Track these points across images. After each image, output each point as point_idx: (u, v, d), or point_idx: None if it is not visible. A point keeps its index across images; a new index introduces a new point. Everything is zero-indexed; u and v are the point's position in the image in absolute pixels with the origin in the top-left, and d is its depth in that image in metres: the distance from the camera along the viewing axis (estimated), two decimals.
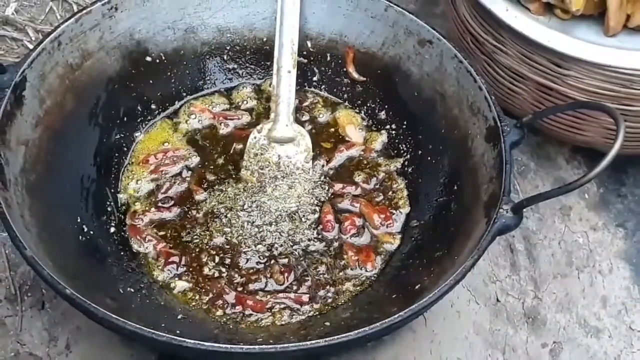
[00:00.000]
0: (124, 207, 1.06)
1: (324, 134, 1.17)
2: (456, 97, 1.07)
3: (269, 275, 1.01)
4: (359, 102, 1.18)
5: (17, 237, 0.84)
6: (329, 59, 1.18)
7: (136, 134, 1.12)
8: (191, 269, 1.01)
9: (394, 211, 1.09)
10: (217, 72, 1.19)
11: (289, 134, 1.13)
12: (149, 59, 1.13)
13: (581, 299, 1.09)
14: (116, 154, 1.09)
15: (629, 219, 1.17)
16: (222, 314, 0.97)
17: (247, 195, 1.08)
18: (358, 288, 1.02)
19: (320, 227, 1.06)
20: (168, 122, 1.15)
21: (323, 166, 1.12)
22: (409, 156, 1.13)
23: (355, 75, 1.18)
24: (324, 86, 1.19)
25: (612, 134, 1.07)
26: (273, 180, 1.09)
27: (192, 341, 0.79)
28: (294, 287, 1.00)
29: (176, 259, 1.01)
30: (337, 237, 1.05)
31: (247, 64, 1.20)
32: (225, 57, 1.18)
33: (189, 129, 1.15)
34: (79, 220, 1.00)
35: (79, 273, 0.90)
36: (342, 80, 1.19)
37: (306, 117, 1.18)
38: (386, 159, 1.14)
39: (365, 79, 1.18)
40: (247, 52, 1.19)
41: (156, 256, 1.02)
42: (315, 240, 1.04)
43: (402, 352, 1.01)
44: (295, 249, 1.03)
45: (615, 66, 1.05)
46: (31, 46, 1.26)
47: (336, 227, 1.06)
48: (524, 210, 0.90)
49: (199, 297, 0.99)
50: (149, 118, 1.14)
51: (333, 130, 1.17)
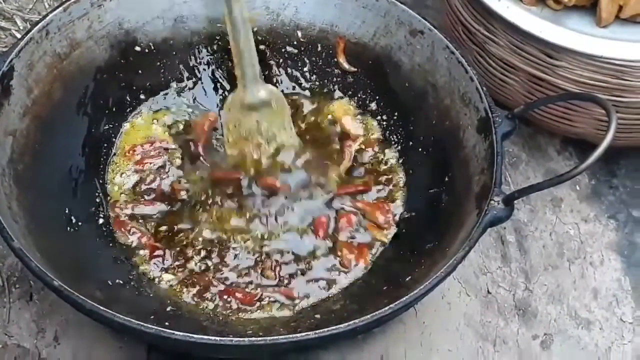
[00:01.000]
0: (110, 199, 1.05)
1: (324, 135, 1.16)
2: (447, 88, 1.06)
3: (259, 271, 1.00)
4: (350, 92, 1.18)
5: (5, 229, 0.83)
6: (319, 49, 1.18)
7: (124, 124, 1.12)
8: (177, 263, 1.00)
9: (391, 204, 1.09)
10: (207, 63, 1.18)
11: (262, 96, 1.10)
12: (138, 48, 1.12)
13: (572, 291, 1.09)
14: (105, 145, 1.09)
15: (620, 210, 1.17)
16: (212, 306, 0.97)
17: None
18: (349, 280, 1.01)
19: (313, 228, 1.05)
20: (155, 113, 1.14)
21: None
22: (400, 147, 1.13)
23: (346, 66, 1.17)
24: (314, 77, 1.19)
25: (603, 126, 1.07)
26: (258, 148, 1.08)
27: (181, 333, 0.79)
28: (285, 282, 1.00)
29: (161, 252, 1.01)
30: (331, 236, 1.05)
31: None
32: (215, 47, 1.18)
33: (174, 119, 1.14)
34: (67, 212, 0.99)
35: (67, 265, 0.90)
36: (332, 71, 1.18)
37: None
38: (386, 149, 1.14)
39: (356, 69, 1.17)
40: None
41: (142, 248, 1.01)
42: (309, 237, 1.04)
43: (392, 344, 1.01)
44: (288, 246, 1.03)
45: (607, 57, 1.04)
46: (19, 35, 1.25)
47: (332, 227, 1.05)
48: (515, 201, 0.90)
49: (186, 289, 0.98)
50: (137, 108, 1.13)
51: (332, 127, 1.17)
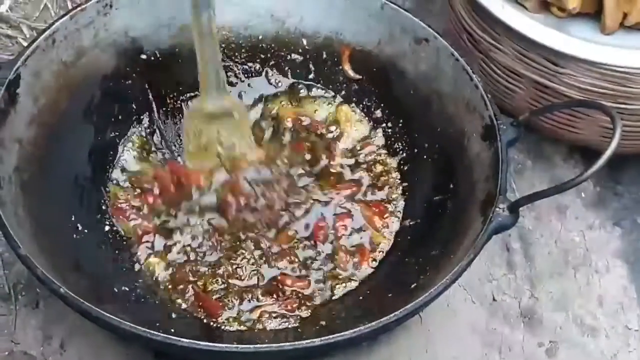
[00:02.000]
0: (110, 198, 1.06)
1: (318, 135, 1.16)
2: (452, 96, 1.06)
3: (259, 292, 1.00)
4: (355, 100, 1.18)
5: (11, 236, 0.83)
6: (324, 56, 1.18)
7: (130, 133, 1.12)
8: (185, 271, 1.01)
9: (389, 207, 1.09)
10: None
11: (224, 105, 1.08)
12: (144, 56, 1.13)
13: (577, 298, 1.09)
14: (111, 152, 1.09)
15: (625, 217, 1.17)
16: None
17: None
18: (354, 287, 1.01)
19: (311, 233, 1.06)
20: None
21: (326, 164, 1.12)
22: (404, 154, 1.13)
23: (351, 74, 1.17)
24: (319, 84, 1.19)
25: (608, 133, 1.07)
26: (218, 162, 1.08)
27: (187, 340, 0.79)
28: (287, 292, 1.00)
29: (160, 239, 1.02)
30: (329, 240, 1.05)
31: (242, 62, 1.19)
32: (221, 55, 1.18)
33: None
34: (73, 219, 0.99)
35: (73, 272, 0.90)
36: (337, 79, 1.18)
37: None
38: (386, 155, 1.14)
39: (361, 77, 1.17)
40: (242, 50, 1.18)
41: (140, 235, 1.03)
42: (306, 243, 1.05)
43: (397, 352, 1.01)
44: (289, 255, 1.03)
45: (612, 64, 1.05)
46: (25, 43, 1.26)
47: (329, 235, 1.06)
48: (520, 209, 0.90)
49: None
50: (143, 116, 1.13)
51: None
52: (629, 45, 1.07)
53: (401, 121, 1.14)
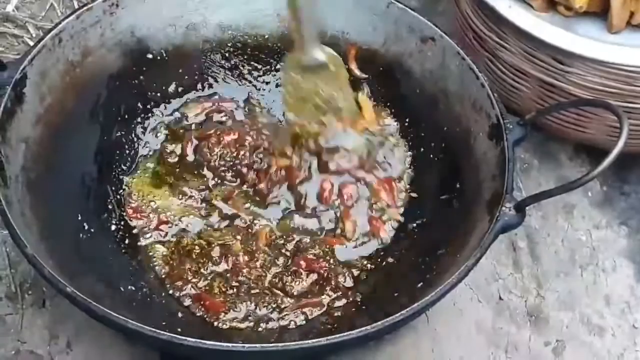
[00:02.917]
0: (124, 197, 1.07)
1: None
2: (459, 95, 1.06)
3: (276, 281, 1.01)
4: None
5: (18, 235, 0.84)
6: None
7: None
8: (192, 269, 1.01)
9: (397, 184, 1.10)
10: (218, 69, 1.18)
11: (319, 57, 1.07)
12: (150, 56, 1.13)
13: (584, 297, 1.09)
14: (117, 152, 1.09)
15: (632, 216, 1.17)
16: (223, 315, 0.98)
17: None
18: (361, 287, 1.01)
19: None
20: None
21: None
22: (411, 153, 1.13)
23: (358, 73, 1.17)
24: None
25: (615, 132, 1.07)
26: (317, 111, 1.08)
27: (193, 339, 0.79)
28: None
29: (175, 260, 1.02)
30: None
31: (249, 61, 1.19)
32: (227, 55, 1.18)
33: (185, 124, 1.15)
34: (79, 218, 0.99)
35: (79, 271, 0.90)
36: None
37: None
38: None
39: (367, 76, 1.17)
40: (249, 49, 1.18)
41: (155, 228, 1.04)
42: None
43: (403, 351, 1.01)
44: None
45: (619, 63, 1.04)
46: (32, 43, 1.26)
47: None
48: (527, 208, 0.90)
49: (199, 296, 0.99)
50: (149, 116, 1.13)
51: None
52: (635, 44, 1.07)
53: (407, 120, 1.14)
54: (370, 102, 1.16)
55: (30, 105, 0.97)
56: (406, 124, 1.14)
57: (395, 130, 1.15)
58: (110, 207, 1.05)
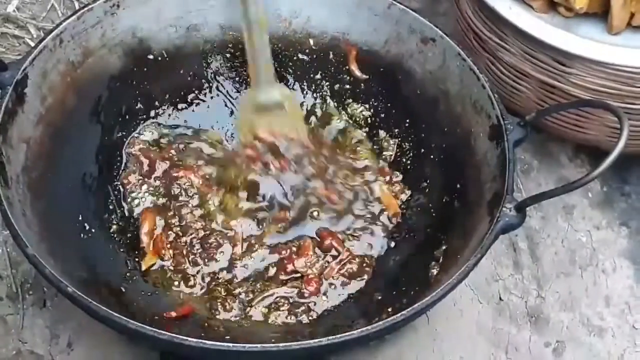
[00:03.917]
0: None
1: None
2: (459, 96, 1.06)
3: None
4: (362, 100, 1.18)
5: (19, 235, 0.83)
6: (331, 56, 1.18)
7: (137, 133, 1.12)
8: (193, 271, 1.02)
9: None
10: (219, 70, 1.18)
11: (275, 96, 1.09)
12: (151, 56, 1.13)
13: (584, 298, 1.09)
14: (118, 152, 1.09)
15: (632, 217, 1.17)
16: (225, 313, 0.98)
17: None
18: (361, 287, 1.01)
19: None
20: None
21: None
22: (411, 154, 1.13)
23: (358, 74, 1.17)
24: (326, 84, 1.19)
25: (615, 133, 1.07)
26: (273, 156, 1.08)
27: (194, 340, 0.79)
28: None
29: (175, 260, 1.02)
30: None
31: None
32: (228, 55, 1.18)
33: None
34: (80, 218, 0.99)
35: (80, 271, 0.90)
36: (344, 79, 1.18)
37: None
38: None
39: (367, 77, 1.17)
40: None
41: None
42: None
43: (404, 351, 1.01)
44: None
45: (619, 64, 1.05)
46: (33, 44, 1.26)
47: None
48: (527, 208, 0.90)
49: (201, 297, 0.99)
50: (150, 116, 1.14)
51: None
52: (635, 45, 1.07)
53: (408, 121, 1.14)
54: (389, 193, 1.13)
55: (32, 106, 0.97)
56: (406, 125, 1.14)
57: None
58: (111, 207, 1.05)
